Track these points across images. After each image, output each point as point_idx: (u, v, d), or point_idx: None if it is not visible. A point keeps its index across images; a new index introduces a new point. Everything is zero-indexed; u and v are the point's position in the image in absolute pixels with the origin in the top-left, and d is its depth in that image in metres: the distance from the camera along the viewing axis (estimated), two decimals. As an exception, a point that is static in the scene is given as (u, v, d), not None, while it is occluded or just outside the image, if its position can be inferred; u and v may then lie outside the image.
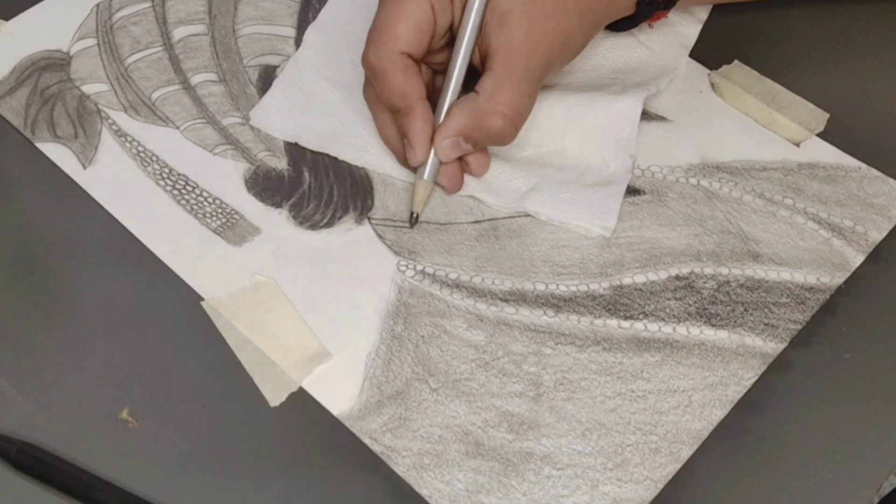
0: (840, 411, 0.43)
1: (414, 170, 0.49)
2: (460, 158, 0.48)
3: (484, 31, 0.46)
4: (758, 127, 0.52)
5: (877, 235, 0.48)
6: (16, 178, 0.51)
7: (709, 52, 0.55)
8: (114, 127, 0.52)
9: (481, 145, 0.48)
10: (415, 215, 0.48)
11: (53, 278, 0.47)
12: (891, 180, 0.50)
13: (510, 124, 0.46)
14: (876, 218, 0.48)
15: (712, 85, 0.54)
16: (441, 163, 0.48)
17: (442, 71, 0.49)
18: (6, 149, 0.52)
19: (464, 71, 0.47)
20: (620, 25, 0.52)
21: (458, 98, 0.47)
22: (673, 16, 0.55)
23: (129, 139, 0.52)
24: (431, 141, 0.47)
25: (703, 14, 0.56)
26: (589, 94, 0.51)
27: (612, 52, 0.54)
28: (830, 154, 0.51)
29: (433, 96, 0.48)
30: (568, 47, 0.48)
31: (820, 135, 0.52)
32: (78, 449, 0.42)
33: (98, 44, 0.56)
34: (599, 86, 0.52)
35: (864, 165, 0.51)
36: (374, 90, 0.48)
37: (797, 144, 0.52)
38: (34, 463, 0.41)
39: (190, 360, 0.44)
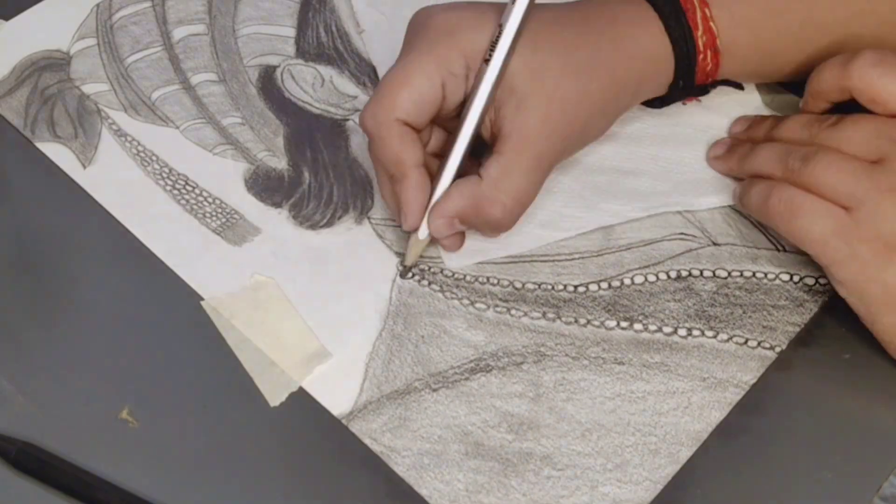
0: (840, 411, 0.43)
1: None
2: None
3: (499, 111, 0.43)
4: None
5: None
6: (16, 178, 0.51)
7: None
8: (114, 127, 0.52)
9: (475, 229, 0.46)
10: (408, 269, 0.47)
11: (53, 278, 0.47)
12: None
13: (509, 215, 0.44)
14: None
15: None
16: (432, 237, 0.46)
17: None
18: (6, 149, 0.52)
19: (465, 150, 0.44)
20: (651, 103, 0.50)
21: (460, 178, 0.44)
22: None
23: (129, 139, 0.52)
24: (426, 208, 0.44)
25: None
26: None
27: (655, 119, 0.52)
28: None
29: (445, 155, 0.45)
30: (587, 133, 0.46)
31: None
32: (78, 449, 0.42)
33: (98, 43, 0.56)
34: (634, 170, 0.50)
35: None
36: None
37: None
38: (34, 463, 0.41)
39: (190, 359, 0.44)
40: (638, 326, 0.45)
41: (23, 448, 0.41)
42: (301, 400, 0.43)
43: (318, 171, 0.51)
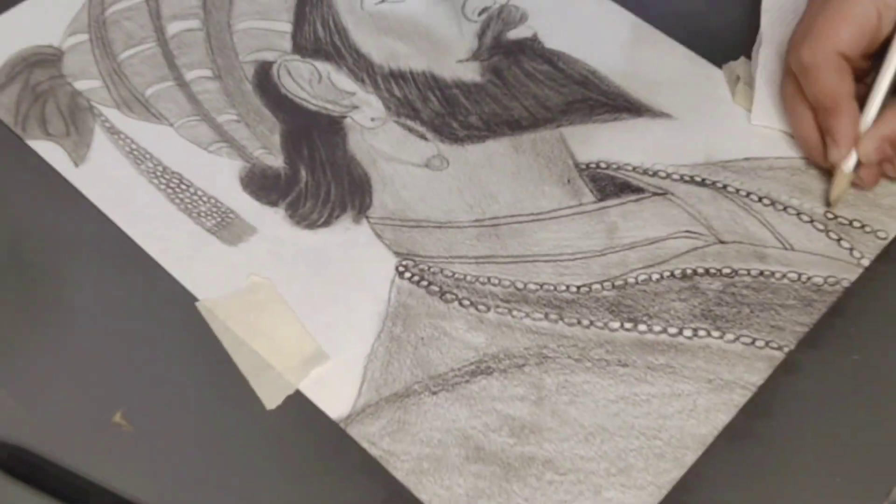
0: (849, 414, 0.42)
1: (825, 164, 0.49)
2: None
3: None
4: (764, 125, 0.52)
5: (885, 236, 0.47)
6: (6, 177, 0.51)
7: (716, 49, 0.55)
8: (106, 124, 0.52)
9: None
10: (834, 203, 0.48)
11: (45, 279, 0.47)
12: (898, 179, 0.50)
13: None
14: (884, 218, 0.48)
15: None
16: (861, 163, 0.47)
17: (860, 77, 0.48)
18: (-3, 146, 0.52)
19: (892, 79, 0.46)
20: None
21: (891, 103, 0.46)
22: None
23: (123, 136, 0.52)
24: (855, 140, 0.46)
25: None
26: None
27: None
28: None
29: (871, 85, 0.47)
30: None
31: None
32: (70, 453, 0.42)
33: (90, 39, 0.56)
34: None
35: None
36: (797, 86, 0.48)
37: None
38: (26, 467, 0.41)
39: (184, 362, 0.44)
40: (642, 327, 0.44)
41: (14, 452, 0.41)
42: (298, 403, 0.43)
43: (316, 170, 0.50)
